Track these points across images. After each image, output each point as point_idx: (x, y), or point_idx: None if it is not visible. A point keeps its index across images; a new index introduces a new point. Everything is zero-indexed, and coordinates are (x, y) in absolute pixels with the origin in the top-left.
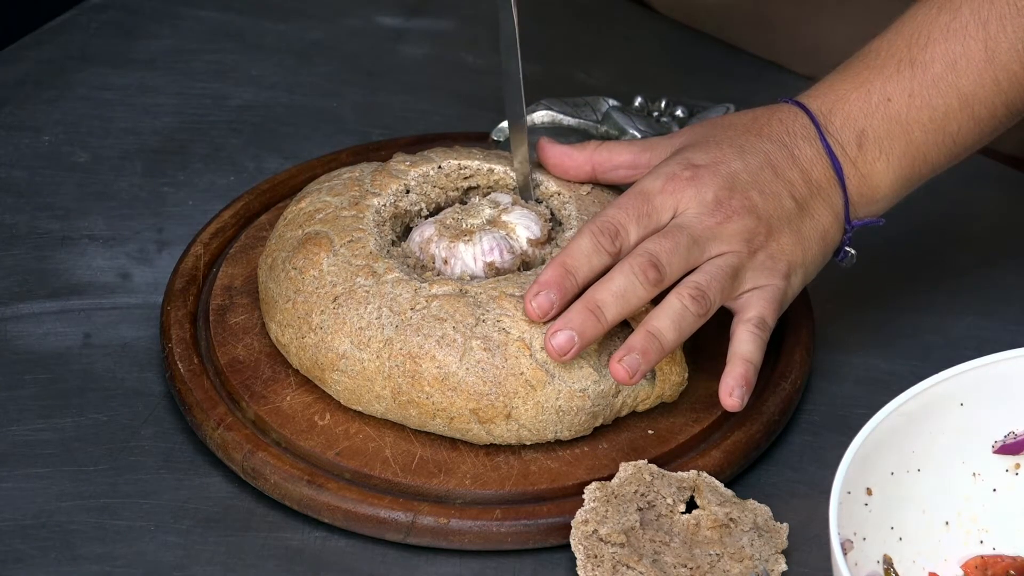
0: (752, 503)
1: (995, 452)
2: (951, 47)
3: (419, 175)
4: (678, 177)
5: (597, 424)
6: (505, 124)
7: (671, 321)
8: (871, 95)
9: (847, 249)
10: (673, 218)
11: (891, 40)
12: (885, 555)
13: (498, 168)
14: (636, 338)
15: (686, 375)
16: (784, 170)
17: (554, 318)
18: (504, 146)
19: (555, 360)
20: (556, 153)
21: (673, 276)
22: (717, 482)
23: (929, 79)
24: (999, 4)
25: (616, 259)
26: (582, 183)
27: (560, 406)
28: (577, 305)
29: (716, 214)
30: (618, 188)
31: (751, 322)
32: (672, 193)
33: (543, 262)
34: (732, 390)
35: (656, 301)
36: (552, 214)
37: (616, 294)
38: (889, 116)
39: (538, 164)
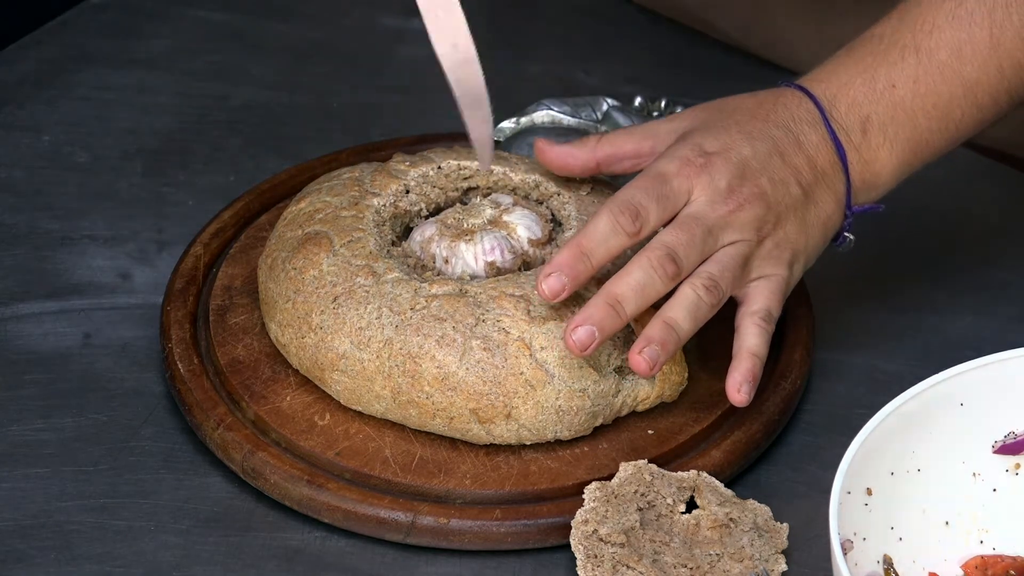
0: (752, 503)
1: (995, 452)
2: (956, 34)
3: (419, 175)
4: (692, 162)
5: (597, 424)
6: (505, 124)
7: (687, 312)
8: (876, 81)
9: (846, 234)
10: (686, 204)
11: (895, 26)
12: (885, 555)
13: (497, 169)
14: (654, 329)
15: (686, 375)
16: (791, 156)
17: (565, 300)
18: (504, 146)
19: (576, 355)
20: (558, 154)
21: (689, 268)
22: (717, 482)
23: (934, 66)
24: None
25: (636, 239)
26: (583, 182)
27: (560, 406)
28: (597, 300)
29: (728, 202)
30: (619, 186)
31: (757, 315)
32: (688, 177)
33: (543, 262)
34: (740, 385)
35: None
36: (552, 215)
37: (635, 288)
38: (894, 103)
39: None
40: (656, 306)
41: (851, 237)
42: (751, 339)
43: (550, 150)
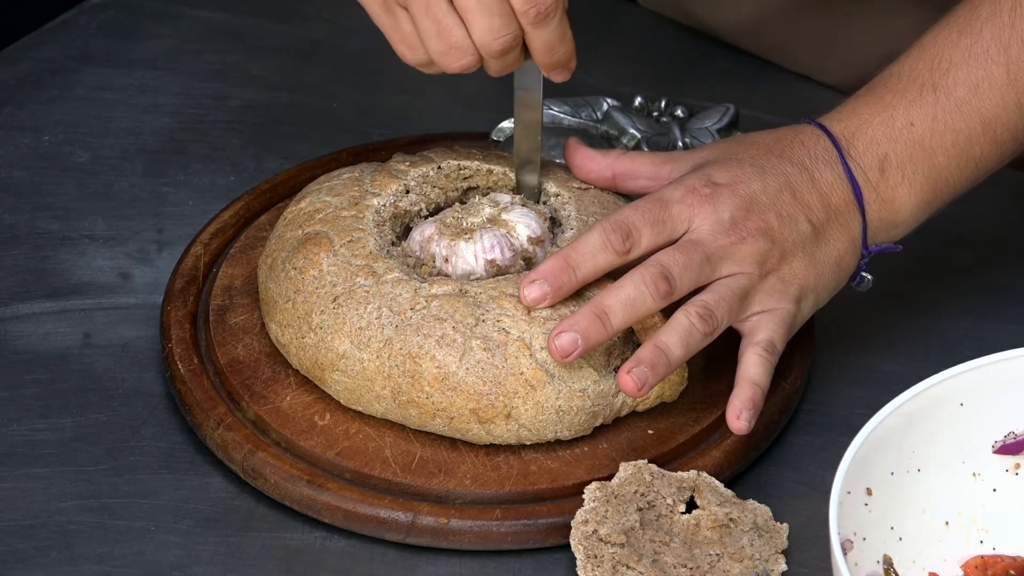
0: (752, 503)
1: (995, 452)
2: (973, 71)
3: (419, 175)
4: (697, 192)
5: (597, 424)
6: (505, 124)
7: (679, 338)
8: (894, 120)
9: (863, 274)
10: (687, 232)
11: (912, 64)
12: (885, 555)
13: (497, 168)
14: (645, 351)
15: (686, 375)
16: (803, 193)
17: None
18: (504, 146)
19: (557, 361)
20: (581, 155)
21: (683, 291)
22: (717, 482)
23: (952, 103)
24: (1020, 27)
25: (624, 259)
26: (599, 188)
27: (560, 406)
28: (584, 309)
29: (731, 234)
30: (625, 196)
31: (760, 345)
32: (690, 206)
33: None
34: (740, 412)
35: (666, 312)
36: (552, 215)
37: (624, 302)
38: (912, 141)
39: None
40: (668, 312)
41: (869, 277)
42: (752, 368)
43: (576, 148)
